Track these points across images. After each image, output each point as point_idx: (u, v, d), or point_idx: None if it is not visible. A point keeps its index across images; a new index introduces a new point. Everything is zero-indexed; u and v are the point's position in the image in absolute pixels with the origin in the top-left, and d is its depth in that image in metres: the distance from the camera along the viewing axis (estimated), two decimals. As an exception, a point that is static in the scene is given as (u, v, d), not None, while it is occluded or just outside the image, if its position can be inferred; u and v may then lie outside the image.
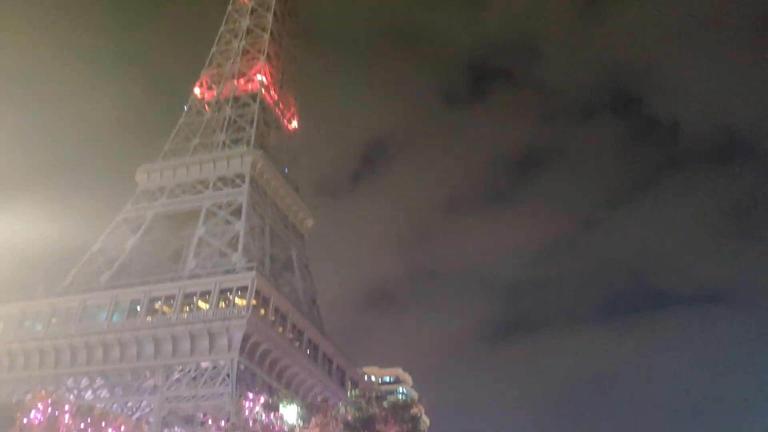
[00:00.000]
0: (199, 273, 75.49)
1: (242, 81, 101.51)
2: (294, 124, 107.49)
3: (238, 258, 74.99)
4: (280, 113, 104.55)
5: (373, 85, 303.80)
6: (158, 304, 71.30)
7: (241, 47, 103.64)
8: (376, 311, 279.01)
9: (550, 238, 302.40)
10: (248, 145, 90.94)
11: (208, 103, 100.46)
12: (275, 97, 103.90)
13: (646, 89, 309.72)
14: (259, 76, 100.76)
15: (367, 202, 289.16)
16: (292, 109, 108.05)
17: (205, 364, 65.90)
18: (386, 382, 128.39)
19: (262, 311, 69.54)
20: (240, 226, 79.59)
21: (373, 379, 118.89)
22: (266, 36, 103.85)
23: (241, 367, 64.75)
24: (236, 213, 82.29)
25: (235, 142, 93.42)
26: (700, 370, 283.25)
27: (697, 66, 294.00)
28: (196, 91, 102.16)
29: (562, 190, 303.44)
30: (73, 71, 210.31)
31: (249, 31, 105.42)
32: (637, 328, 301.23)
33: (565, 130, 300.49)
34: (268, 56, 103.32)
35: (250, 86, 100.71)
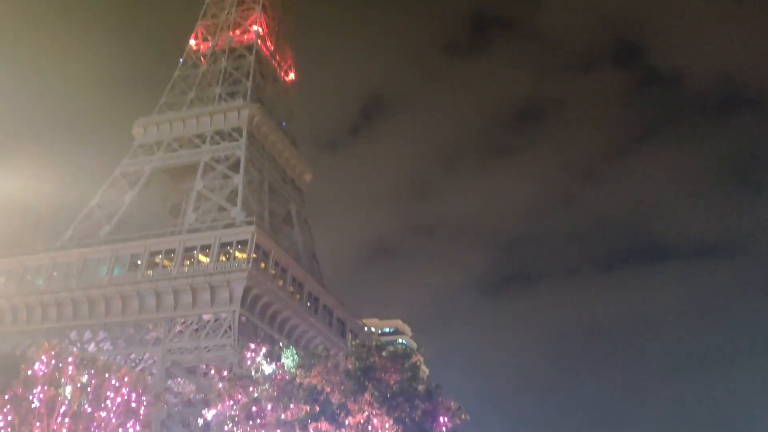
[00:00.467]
0: (198, 227, 75.63)
1: (238, 32, 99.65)
2: (291, 76, 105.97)
3: (237, 212, 75.02)
4: (276, 65, 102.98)
5: (372, 36, 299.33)
6: (158, 258, 71.64)
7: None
8: (375, 265, 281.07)
9: (549, 192, 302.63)
10: (245, 99, 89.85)
11: (204, 56, 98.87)
12: (271, 49, 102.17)
13: (648, 39, 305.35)
14: (254, 27, 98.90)
15: (365, 157, 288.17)
16: (289, 61, 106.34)
17: (207, 317, 66.68)
18: (386, 333, 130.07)
19: (263, 265, 69.91)
20: (238, 180, 79.31)
21: (373, 331, 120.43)
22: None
23: (243, 320, 65.49)
24: (234, 167, 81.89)
25: (232, 96, 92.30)
26: (697, 321, 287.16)
27: (700, 14, 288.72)
28: (192, 42, 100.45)
29: (562, 143, 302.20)
30: (66, 25, 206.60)
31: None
32: (635, 280, 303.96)
33: (566, 82, 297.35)
34: (264, 6, 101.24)
35: (246, 37, 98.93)
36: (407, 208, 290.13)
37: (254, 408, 30.06)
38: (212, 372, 35.45)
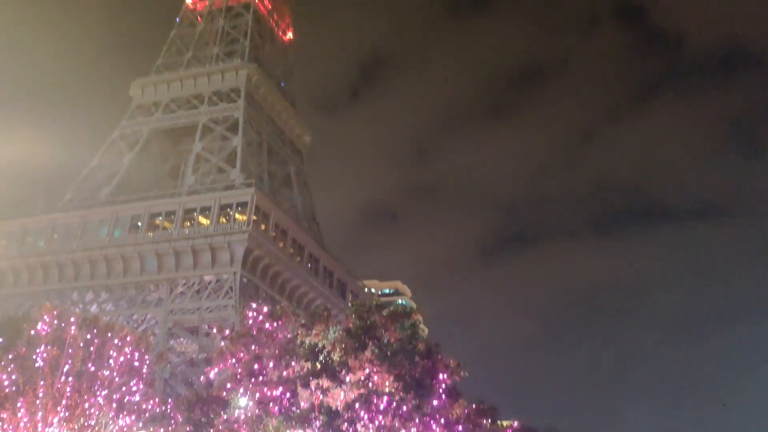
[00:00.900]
0: (198, 189, 75.57)
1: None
2: (289, 35, 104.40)
3: (236, 174, 74.84)
4: (274, 24, 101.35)
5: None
6: (159, 220, 71.74)
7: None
8: (375, 227, 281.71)
9: (550, 153, 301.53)
10: (243, 59, 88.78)
11: (200, 15, 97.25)
12: (269, 7, 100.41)
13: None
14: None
15: (365, 119, 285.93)
16: (287, 20, 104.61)
17: (209, 278, 67.08)
18: (385, 294, 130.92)
19: (263, 227, 70.05)
20: (237, 141, 78.91)
21: (373, 292, 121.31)
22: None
23: (244, 281, 65.89)
24: (233, 128, 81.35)
25: (229, 55, 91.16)
26: (695, 282, 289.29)
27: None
28: (188, 1, 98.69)
29: (563, 103, 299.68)
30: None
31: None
32: (634, 241, 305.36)
33: (568, 42, 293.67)
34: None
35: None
36: (408, 170, 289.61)
37: (256, 366, 30.38)
38: (214, 331, 35.74)
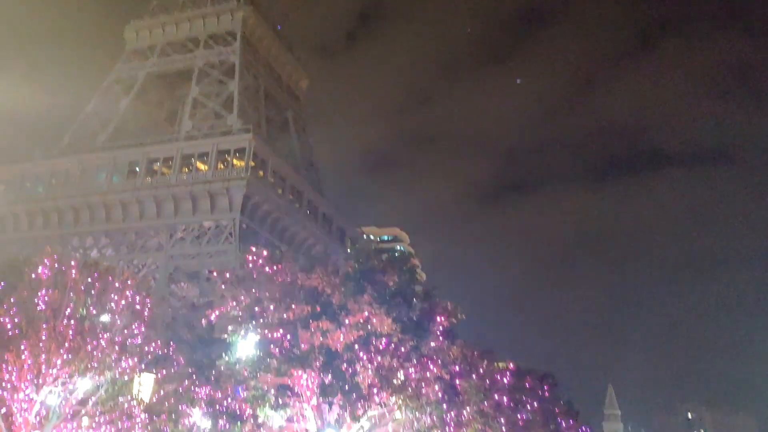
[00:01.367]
0: (195, 134, 75.04)
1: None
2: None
3: (233, 120, 74.18)
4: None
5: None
6: (157, 165, 71.53)
7: None
8: (374, 174, 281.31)
9: (550, 100, 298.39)
10: (238, 0, 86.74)
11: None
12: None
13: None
14: None
15: (363, 63, 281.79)
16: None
17: (208, 224, 67.33)
18: (384, 241, 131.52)
19: (261, 173, 69.87)
20: (233, 86, 77.88)
21: (372, 238, 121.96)
22: None
23: (243, 227, 66.14)
24: (229, 72, 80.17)
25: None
26: (692, 227, 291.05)
27: None
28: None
29: (564, 48, 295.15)
30: None
31: None
32: (634, 187, 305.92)
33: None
34: None
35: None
36: (407, 117, 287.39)
37: (257, 308, 30.75)
38: (215, 275, 36.05)
